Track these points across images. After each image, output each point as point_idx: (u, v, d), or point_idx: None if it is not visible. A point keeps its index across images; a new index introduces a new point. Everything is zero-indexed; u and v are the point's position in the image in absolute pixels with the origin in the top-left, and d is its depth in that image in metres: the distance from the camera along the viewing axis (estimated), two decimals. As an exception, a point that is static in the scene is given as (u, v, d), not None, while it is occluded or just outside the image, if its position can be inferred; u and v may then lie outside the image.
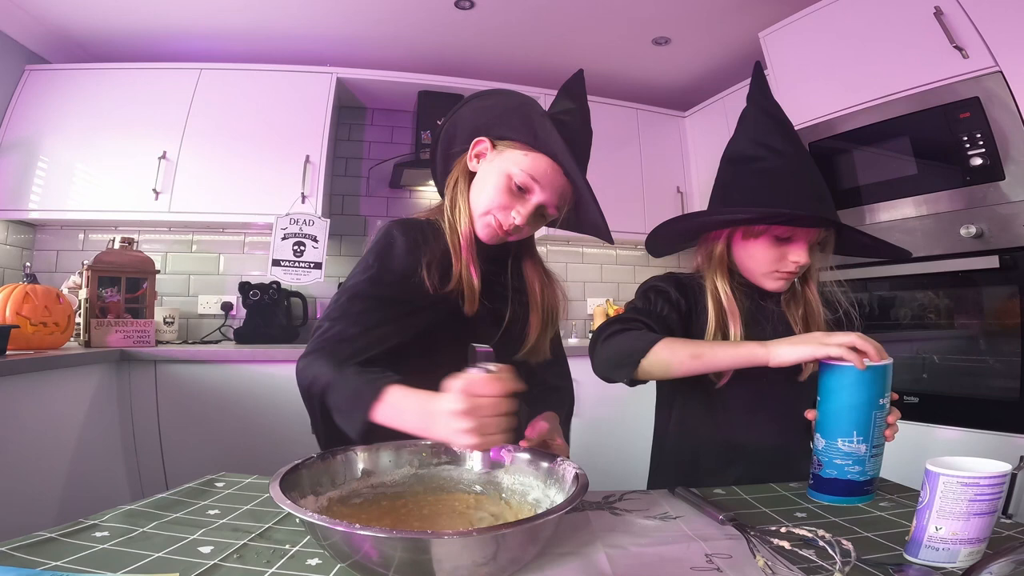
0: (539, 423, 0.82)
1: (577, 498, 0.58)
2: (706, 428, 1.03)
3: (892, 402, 0.83)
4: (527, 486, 0.72)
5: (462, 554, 0.50)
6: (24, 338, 1.74)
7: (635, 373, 0.91)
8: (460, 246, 0.92)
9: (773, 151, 0.97)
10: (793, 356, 0.82)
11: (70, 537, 0.61)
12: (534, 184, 0.91)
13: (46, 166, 2.41)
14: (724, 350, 0.89)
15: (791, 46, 2.27)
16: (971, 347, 1.81)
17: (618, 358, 0.92)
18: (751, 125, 1.03)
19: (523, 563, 0.56)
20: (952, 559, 0.58)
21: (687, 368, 0.89)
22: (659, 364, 0.89)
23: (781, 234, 0.96)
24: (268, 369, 2.09)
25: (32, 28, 2.44)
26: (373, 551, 0.50)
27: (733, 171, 1.02)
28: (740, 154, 1.02)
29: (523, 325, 1.00)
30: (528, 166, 0.90)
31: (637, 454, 2.03)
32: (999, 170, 1.66)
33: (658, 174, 3.13)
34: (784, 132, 1.00)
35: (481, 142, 0.96)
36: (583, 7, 2.46)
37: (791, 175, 0.96)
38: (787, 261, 0.97)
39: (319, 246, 2.54)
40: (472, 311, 0.92)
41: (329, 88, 2.64)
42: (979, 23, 1.71)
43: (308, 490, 0.65)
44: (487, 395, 0.62)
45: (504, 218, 0.92)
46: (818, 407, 0.83)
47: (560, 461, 0.70)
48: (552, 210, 0.94)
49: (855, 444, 0.78)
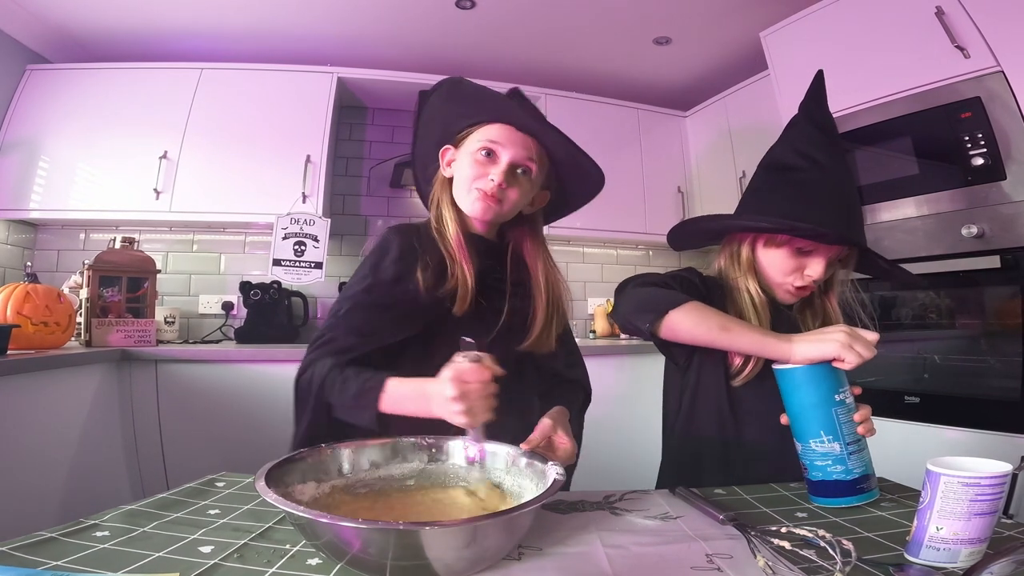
0: (543, 421, 0.83)
1: (544, 499, 0.59)
2: (716, 427, 1.02)
3: (859, 397, 0.83)
4: (524, 488, 0.73)
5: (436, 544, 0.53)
6: (25, 338, 1.74)
7: (660, 322, 0.89)
8: (453, 249, 0.96)
9: (813, 163, 0.97)
10: (815, 354, 0.81)
11: (70, 537, 0.61)
12: (496, 146, 0.95)
13: (47, 166, 2.41)
14: (751, 334, 0.88)
15: (792, 46, 2.27)
16: (972, 347, 1.81)
17: (648, 303, 0.92)
18: (795, 134, 1.03)
19: (504, 550, 0.59)
20: (953, 559, 0.58)
21: (711, 338, 0.88)
22: (687, 322, 0.88)
23: (803, 247, 0.97)
24: (269, 369, 2.09)
25: (33, 27, 2.44)
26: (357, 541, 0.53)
27: (769, 177, 1.03)
28: (779, 161, 1.02)
29: (525, 316, 1.00)
30: (483, 136, 0.96)
31: (638, 454, 2.04)
32: (1000, 170, 1.66)
33: (659, 174, 3.13)
34: (828, 145, 1.00)
35: (447, 150, 1.02)
36: (584, 7, 2.46)
37: (825, 189, 0.96)
38: (803, 274, 0.98)
39: (320, 246, 2.54)
40: (462, 311, 0.93)
41: (330, 88, 2.65)
42: (980, 23, 1.71)
43: (310, 476, 0.69)
44: (474, 381, 0.72)
45: (484, 184, 0.95)
46: (786, 412, 0.84)
47: (550, 465, 0.70)
48: (528, 164, 0.96)
49: (827, 444, 0.78)
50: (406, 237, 0.96)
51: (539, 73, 2.95)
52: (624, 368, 2.52)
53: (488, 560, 0.57)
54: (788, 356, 0.83)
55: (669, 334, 0.90)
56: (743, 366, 0.97)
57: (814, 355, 0.81)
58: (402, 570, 0.53)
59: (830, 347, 0.80)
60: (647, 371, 2.50)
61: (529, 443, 0.77)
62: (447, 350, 0.76)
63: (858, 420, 0.81)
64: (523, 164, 0.96)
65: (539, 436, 0.79)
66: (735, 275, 1.04)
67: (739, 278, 1.03)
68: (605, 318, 3.10)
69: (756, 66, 2.58)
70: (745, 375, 0.97)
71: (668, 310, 0.88)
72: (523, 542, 0.63)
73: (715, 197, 3.01)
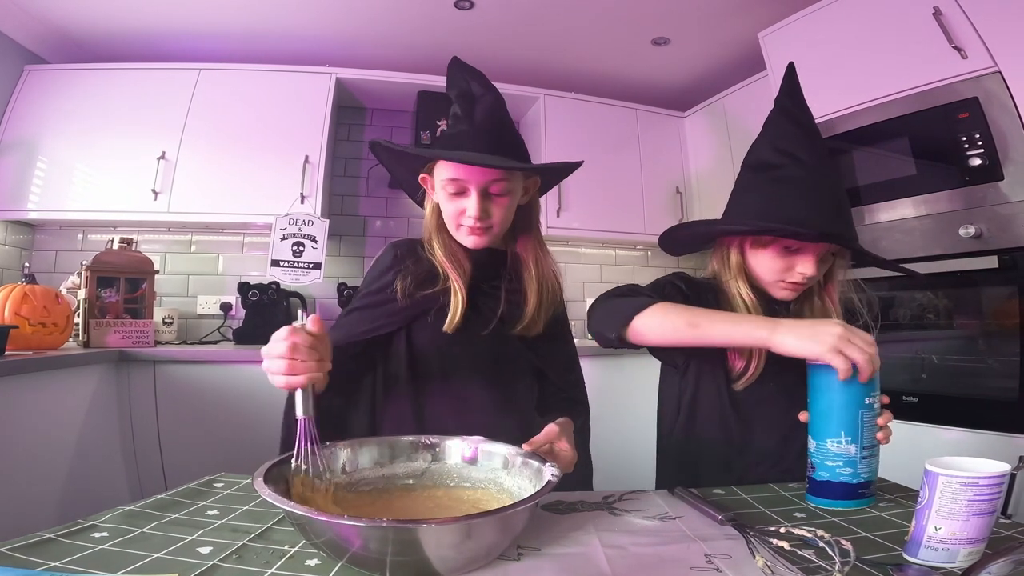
0: (550, 426, 0.83)
1: (538, 498, 0.60)
2: (716, 430, 1.01)
3: (885, 405, 0.82)
4: (521, 488, 0.73)
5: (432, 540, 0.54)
6: (23, 338, 1.74)
7: (626, 331, 0.88)
8: (445, 270, 1.00)
9: (794, 160, 0.95)
10: (796, 349, 0.78)
11: (69, 538, 0.61)
12: (462, 182, 0.96)
13: (45, 166, 2.40)
14: (723, 324, 0.87)
15: (790, 47, 2.27)
16: (970, 347, 1.81)
17: (613, 313, 0.91)
18: (774, 130, 1.01)
19: (500, 548, 0.59)
20: (951, 559, 0.58)
21: (682, 336, 0.87)
22: (652, 324, 0.87)
23: (790, 245, 0.95)
24: (267, 369, 2.09)
25: (31, 28, 2.44)
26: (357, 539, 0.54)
27: (750, 177, 1.02)
28: (760, 160, 1.00)
29: (518, 305, 1.03)
30: (445, 175, 0.96)
31: (637, 454, 2.03)
32: (998, 170, 1.66)
33: (657, 174, 3.13)
34: (808, 140, 0.97)
35: (426, 180, 1.04)
36: (582, 7, 2.46)
37: (807, 187, 0.94)
38: (794, 272, 0.96)
39: (318, 246, 2.53)
40: (452, 328, 0.97)
41: (328, 88, 2.64)
42: (978, 24, 1.71)
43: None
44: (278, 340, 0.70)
45: (465, 220, 0.97)
46: (808, 408, 0.83)
47: (548, 466, 0.70)
48: (499, 181, 0.96)
49: (844, 445, 0.77)
50: (399, 250, 1.04)
51: (538, 73, 2.95)
52: (622, 369, 2.52)
53: (485, 557, 0.57)
54: (768, 345, 0.81)
55: (638, 339, 0.89)
56: (744, 369, 0.96)
57: (797, 351, 0.78)
58: (401, 565, 0.54)
59: (818, 348, 0.76)
60: (645, 372, 2.49)
61: (532, 444, 0.77)
62: (440, 365, 0.83)
63: (881, 424, 0.80)
64: (493, 187, 0.96)
65: (543, 439, 0.79)
66: (727, 278, 1.03)
67: (730, 281, 1.02)
68: (604, 318, 3.10)
69: (754, 66, 2.58)
70: (747, 378, 0.96)
71: (633, 315, 0.88)
72: (522, 543, 0.63)
73: (713, 197, 3.01)
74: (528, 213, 1.07)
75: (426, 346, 1.00)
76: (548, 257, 1.08)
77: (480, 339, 1.00)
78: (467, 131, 0.96)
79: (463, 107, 0.98)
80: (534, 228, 1.08)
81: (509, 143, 0.98)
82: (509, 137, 1.00)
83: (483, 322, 1.01)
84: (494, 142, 0.95)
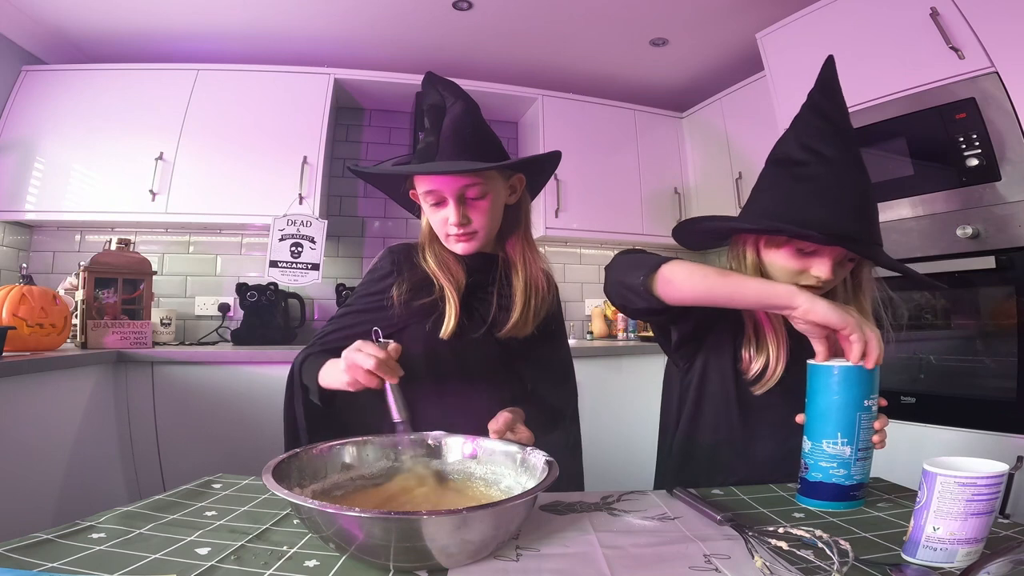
0: (502, 414, 0.87)
1: (545, 485, 0.63)
2: (719, 431, 0.99)
3: (882, 408, 0.81)
4: (498, 475, 0.77)
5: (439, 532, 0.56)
6: (21, 339, 1.73)
7: (653, 276, 0.83)
8: (438, 278, 1.02)
9: (818, 157, 0.90)
10: (826, 317, 0.75)
11: (67, 539, 0.61)
12: (437, 193, 0.98)
13: (43, 167, 2.40)
14: (754, 281, 0.83)
15: (788, 47, 2.27)
16: (968, 347, 1.82)
17: (638, 263, 0.86)
18: (802, 126, 0.96)
19: (500, 539, 0.61)
20: (950, 559, 0.59)
21: (712, 286, 0.81)
22: (682, 273, 0.82)
23: (804, 247, 0.90)
24: (265, 370, 2.09)
25: (29, 29, 2.43)
26: (359, 531, 0.56)
27: (771, 172, 0.97)
28: (784, 155, 0.95)
29: (507, 308, 1.05)
30: (422, 188, 1.00)
31: (637, 454, 2.03)
32: (995, 171, 1.66)
33: (656, 175, 3.14)
34: (837, 137, 0.92)
35: (415, 195, 1.05)
36: (581, 8, 2.46)
37: (827, 185, 0.88)
38: (809, 275, 0.90)
39: (317, 247, 2.53)
40: (447, 335, 0.99)
41: (327, 89, 2.64)
42: (975, 24, 1.72)
43: (295, 483, 0.69)
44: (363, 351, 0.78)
45: (448, 228, 1.00)
46: (806, 409, 0.82)
47: (530, 450, 0.75)
48: (474, 191, 0.98)
49: (839, 446, 0.77)
50: (396, 255, 1.06)
51: (536, 74, 2.96)
52: (621, 369, 2.52)
53: (485, 549, 0.59)
54: (792, 307, 0.77)
55: (665, 289, 0.83)
56: (763, 371, 0.93)
57: (827, 318, 0.75)
58: (404, 551, 0.56)
59: (846, 319, 0.74)
60: (644, 372, 2.51)
61: (496, 433, 0.82)
62: (425, 354, 0.86)
63: (877, 428, 0.79)
64: (469, 192, 0.97)
65: (503, 425, 0.83)
66: None
67: None
68: (602, 319, 3.10)
69: (752, 67, 2.58)
70: (766, 380, 0.93)
71: (660, 263, 0.83)
72: (521, 543, 0.63)
73: (711, 198, 3.01)
74: (517, 213, 1.07)
75: (418, 352, 1.01)
76: (537, 257, 1.08)
77: (471, 343, 1.02)
78: (434, 142, 0.97)
79: (432, 120, 1.00)
80: (523, 228, 1.08)
81: (477, 146, 0.98)
82: (478, 139, 1.00)
83: (475, 327, 1.03)
84: (462, 148, 0.96)
